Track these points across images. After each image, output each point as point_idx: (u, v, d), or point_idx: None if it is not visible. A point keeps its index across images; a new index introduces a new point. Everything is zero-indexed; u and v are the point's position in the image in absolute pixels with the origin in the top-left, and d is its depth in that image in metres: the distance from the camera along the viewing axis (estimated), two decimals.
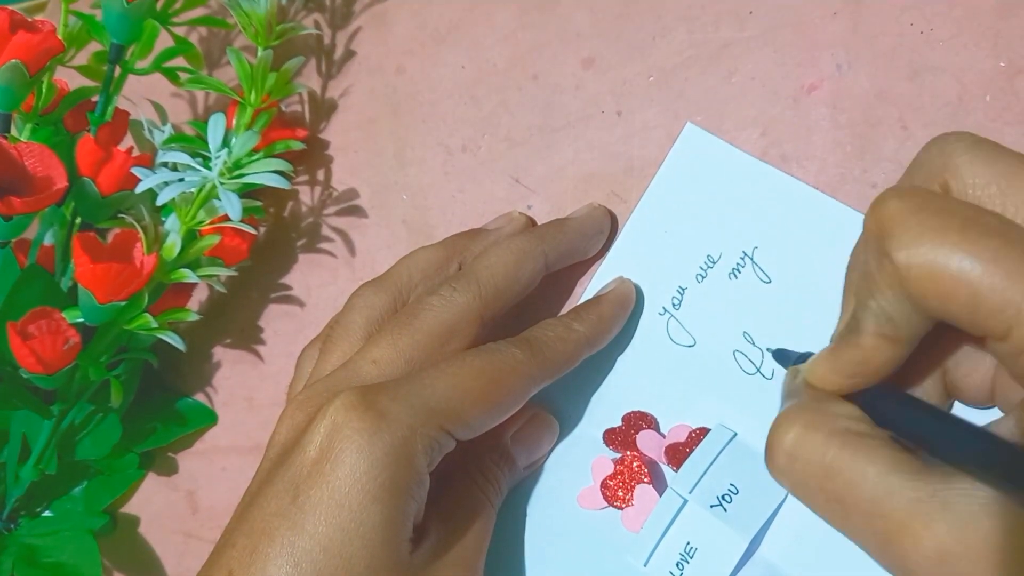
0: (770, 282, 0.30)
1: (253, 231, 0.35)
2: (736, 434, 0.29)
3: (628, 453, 0.30)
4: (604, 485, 0.30)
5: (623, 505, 0.30)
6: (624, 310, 0.31)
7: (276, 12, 0.35)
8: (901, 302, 0.21)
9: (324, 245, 0.38)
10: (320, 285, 0.38)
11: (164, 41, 0.36)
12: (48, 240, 0.36)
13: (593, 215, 0.33)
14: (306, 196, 0.39)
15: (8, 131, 0.34)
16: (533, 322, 0.30)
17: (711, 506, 0.28)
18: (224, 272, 0.35)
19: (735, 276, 0.31)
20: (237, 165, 0.33)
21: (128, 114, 0.36)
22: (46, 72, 0.34)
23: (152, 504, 0.40)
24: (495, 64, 0.36)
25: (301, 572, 0.24)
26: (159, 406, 0.39)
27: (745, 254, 0.31)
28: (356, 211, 0.38)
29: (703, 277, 0.31)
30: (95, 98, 0.36)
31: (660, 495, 0.29)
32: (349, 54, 0.39)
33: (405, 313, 0.29)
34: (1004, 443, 0.19)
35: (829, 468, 0.21)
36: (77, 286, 0.32)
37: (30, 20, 0.32)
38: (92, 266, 0.31)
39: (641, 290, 0.32)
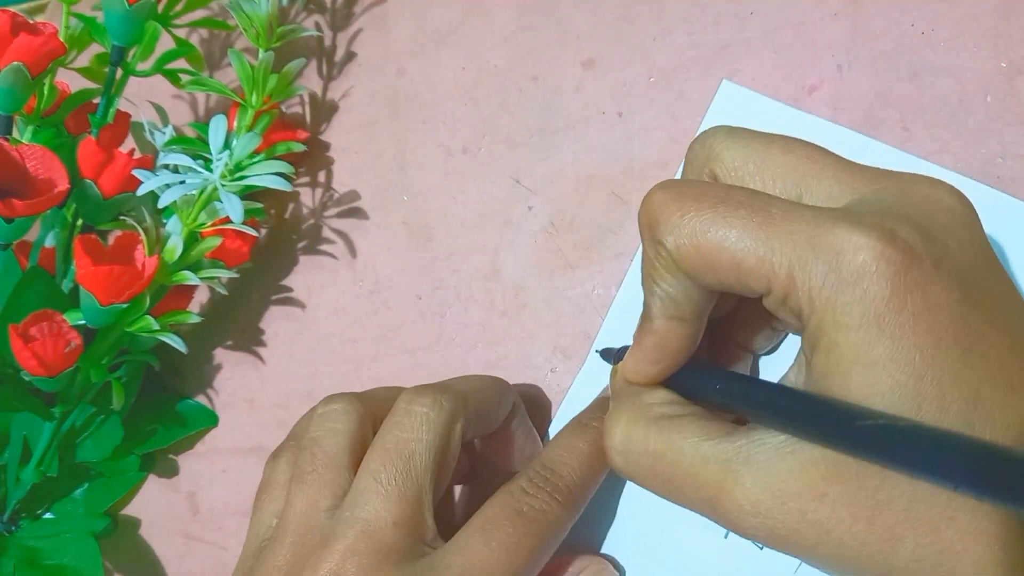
0: None
1: (254, 233, 0.35)
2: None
3: None
4: None
5: None
6: None
7: (277, 14, 0.35)
8: (680, 282, 0.23)
9: (325, 247, 0.38)
10: (321, 287, 0.38)
11: (165, 43, 0.36)
12: (49, 242, 0.36)
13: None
14: (307, 198, 0.39)
15: (10, 133, 0.34)
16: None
17: None
18: (225, 274, 0.35)
19: None
20: (238, 167, 0.33)
21: (129, 116, 0.36)
22: (48, 74, 0.34)
23: (153, 506, 0.40)
24: (495, 65, 0.36)
25: None
26: (160, 408, 0.39)
27: None
28: (357, 213, 0.38)
29: None
30: (96, 100, 0.36)
31: None
32: (350, 56, 0.39)
33: (396, 453, 0.26)
34: (787, 391, 0.22)
35: (654, 454, 0.23)
36: (78, 288, 0.32)
37: (31, 22, 0.32)
38: (93, 268, 0.31)
39: None
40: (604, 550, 0.31)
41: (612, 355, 0.29)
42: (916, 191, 0.22)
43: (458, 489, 0.33)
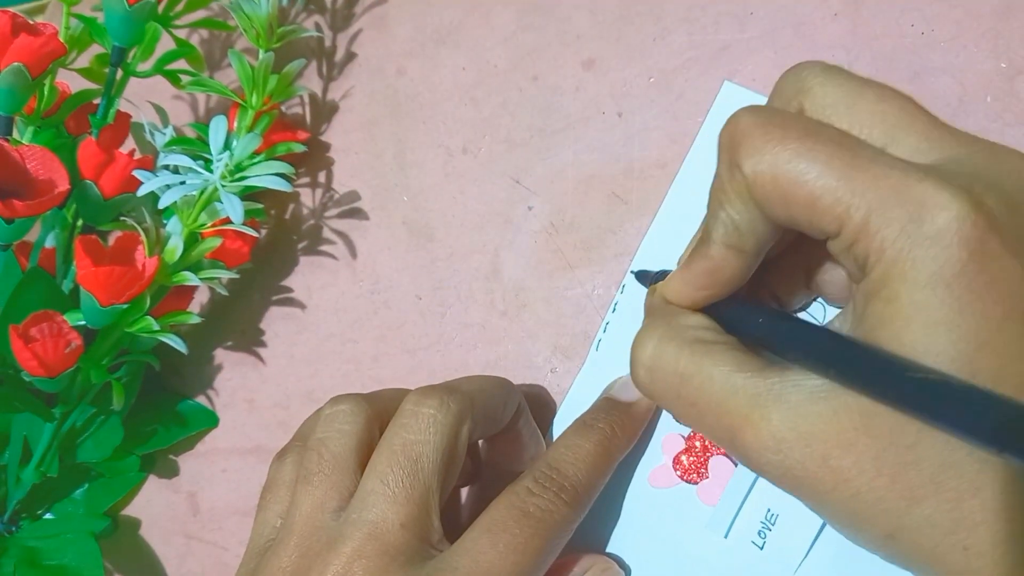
0: None
1: (254, 233, 0.35)
2: None
3: None
4: (677, 461, 0.30)
5: (698, 479, 0.30)
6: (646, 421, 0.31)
7: (277, 15, 0.35)
8: (749, 210, 0.22)
9: (325, 247, 0.38)
10: (321, 287, 0.38)
11: (165, 44, 0.37)
12: (50, 243, 0.36)
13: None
14: (307, 198, 0.39)
15: (10, 134, 0.34)
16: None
17: None
18: (225, 274, 0.35)
19: None
20: (239, 168, 0.33)
21: (130, 116, 0.36)
22: (48, 75, 0.34)
23: (153, 506, 0.40)
24: (495, 66, 0.36)
25: None
26: (160, 408, 0.39)
27: None
28: (357, 213, 0.38)
29: None
30: (97, 101, 0.36)
31: (735, 464, 0.29)
32: (350, 56, 0.39)
33: (403, 455, 0.26)
34: (835, 336, 0.21)
35: (682, 375, 0.23)
36: (79, 289, 0.32)
37: (32, 23, 0.32)
38: (94, 269, 0.31)
39: None
40: (607, 550, 0.31)
41: (649, 278, 0.28)
42: (1007, 162, 0.21)
43: (464, 491, 0.33)
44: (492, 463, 0.31)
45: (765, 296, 0.28)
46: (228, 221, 0.33)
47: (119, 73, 0.35)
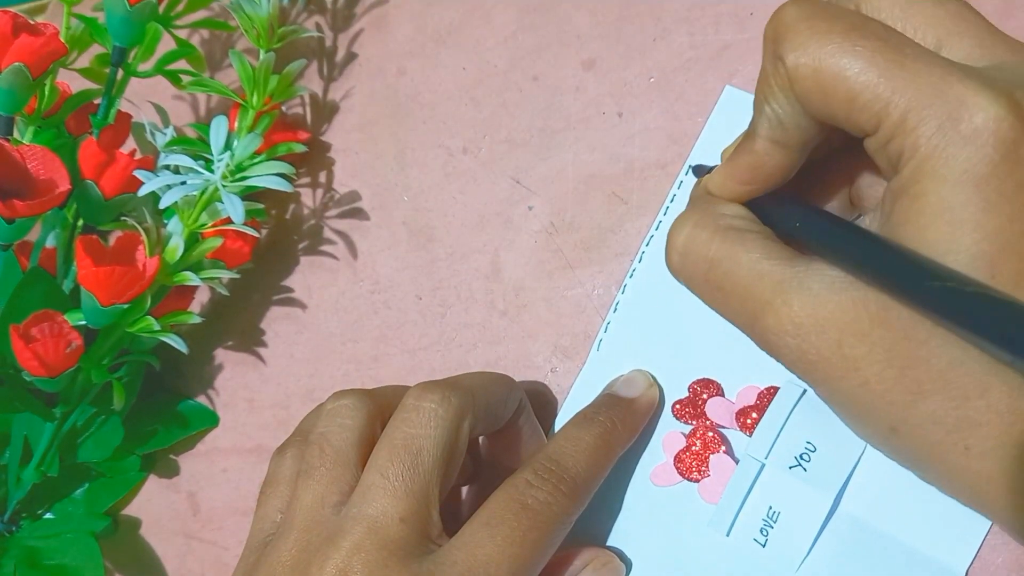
0: None
1: (255, 233, 0.35)
2: (805, 390, 0.29)
3: (699, 423, 0.30)
4: (678, 459, 0.30)
5: (699, 477, 0.30)
6: (648, 416, 0.31)
7: (278, 15, 0.35)
8: (792, 104, 0.22)
9: (325, 247, 0.38)
10: (321, 287, 0.38)
11: (166, 44, 0.37)
12: (50, 243, 0.36)
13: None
14: (307, 198, 0.39)
15: (11, 134, 0.34)
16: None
17: (790, 467, 0.28)
18: (226, 274, 0.35)
19: None
20: (239, 168, 0.33)
21: (130, 117, 0.36)
22: (49, 75, 0.34)
23: (153, 506, 0.40)
24: (495, 66, 0.36)
25: None
26: (161, 408, 0.39)
27: None
28: (357, 213, 0.38)
29: None
30: (97, 101, 0.36)
31: (736, 462, 0.29)
32: (350, 56, 0.39)
33: (404, 448, 0.26)
34: (861, 232, 0.22)
35: (712, 260, 0.23)
36: (79, 289, 0.32)
37: (32, 23, 0.32)
38: (94, 269, 0.31)
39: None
40: (609, 547, 0.31)
41: (704, 171, 0.29)
42: None
43: (464, 488, 0.33)
44: (493, 460, 0.32)
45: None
46: (229, 221, 0.33)
47: (120, 73, 0.35)
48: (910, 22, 0.22)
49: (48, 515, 0.39)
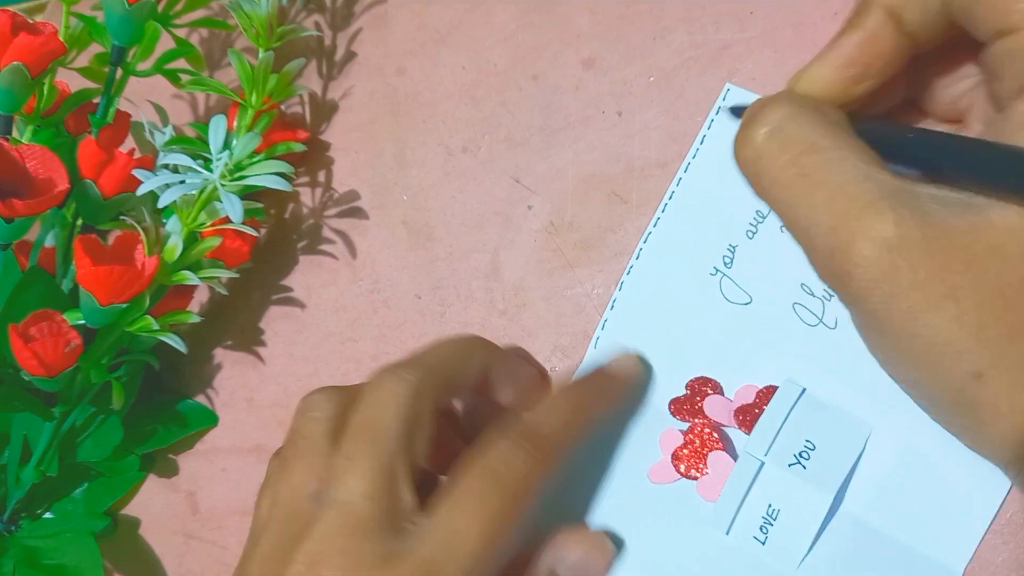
0: None
1: (254, 233, 0.35)
2: (805, 389, 0.29)
3: (697, 421, 0.30)
4: (675, 456, 0.30)
5: (698, 475, 0.29)
6: (630, 389, 0.31)
7: (277, 14, 0.35)
8: None
9: (325, 246, 0.38)
10: (321, 286, 0.38)
11: (165, 43, 0.36)
12: (49, 242, 0.36)
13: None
14: (307, 197, 0.39)
15: (10, 133, 0.34)
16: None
17: (789, 465, 0.28)
18: (225, 274, 0.35)
19: (786, 229, 0.29)
20: (238, 167, 0.33)
21: (129, 116, 0.36)
22: (47, 74, 0.34)
23: (153, 505, 0.40)
24: (495, 65, 0.36)
25: None
26: (160, 408, 0.39)
27: None
28: (357, 212, 0.38)
29: (753, 233, 0.30)
30: (96, 100, 0.36)
31: (735, 460, 0.29)
32: (349, 55, 0.39)
33: (364, 428, 0.26)
34: (991, 144, 0.20)
35: (813, 145, 0.21)
36: (78, 288, 0.32)
37: (31, 22, 0.32)
38: (93, 268, 0.31)
39: (692, 251, 0.31)
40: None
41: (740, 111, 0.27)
42: None
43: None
44: (486, 416, 0.31)
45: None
46: (228, 220, 0.33)
47: (119, 72, 0.35)
48: None
49: (47, 515, 0.39)
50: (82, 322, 0.32)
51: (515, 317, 0.34)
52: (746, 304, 0.30)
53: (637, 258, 0.32)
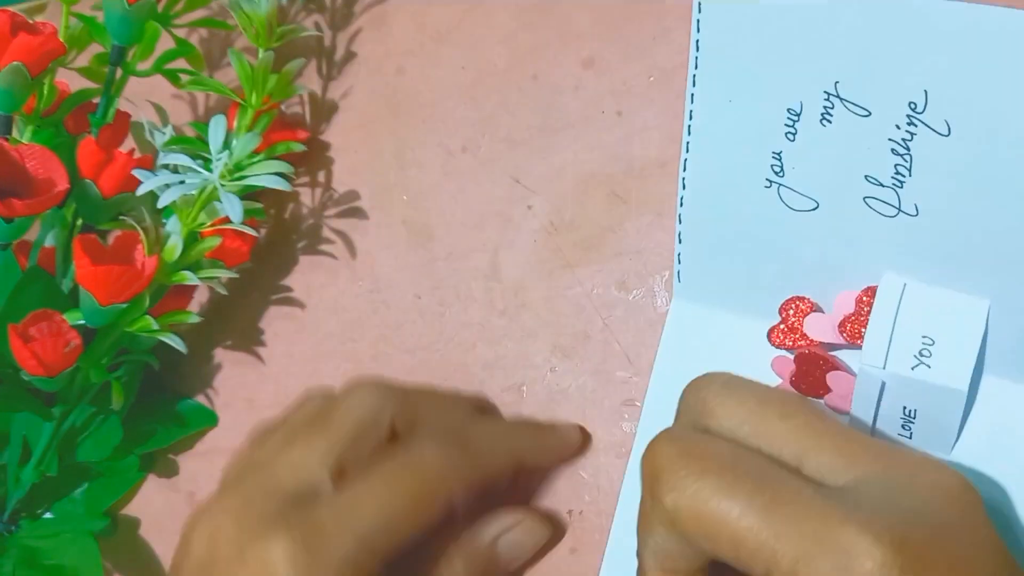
0: (869, 115, 0.26)
1: (254, 233, 0.35)
2: (906, 284, 0.27)
3: (803, 344, 0.28)
4: (793, 384, 0.28)
5: (822, 394, 0.28)
6: (570, 454, 0.32)
7: (276, 14, 0.35)
8: (677, 539, 0.22)
9: (324, 247, 0.38)
10: (321, 286, 0.38)
11: (165, 43, 0.36)
12: (49, 242, 0.36)
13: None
14: (306, 198, 0.39)
15: (9, 133, 0.34)
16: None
17: (913, 367, 0.26)
18: (225, 274, 0.35)
19: (827, 121, 0.26)
20: (238, 167, 0.33)
21: (129, 116, 0.36)
22: (47, 74, 0.34)
23: (153, 506, 0.40)
24: (495, 64, 0.36)
25: None
26: (160, 408, 0.39)
27: (827, 94, 0.26)
28: (356, 212, 0.38)
29: (793, 134, 0.27)
30: (96, 100, 0.36)
31: (854, 376, 0.27)
32: (349, 55, 0.39)
33: (320, 415, 0.29)
34: None
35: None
36: (78, 288, 0.32)
37: (31, 22, 0.32)
38: (93, 268, 0.31)
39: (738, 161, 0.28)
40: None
41: None
42: (924, 478, 0.21)
43: None
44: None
45: None
46: (227, 220, 0.33)
47: (118, 72, 0.35)
48: (764, 441, 0.22)
49: (47, 515, 0.39)
50: (82, 322, 0.32)
51: (515, 317, 0.34)
52: (813, 210, 0.28)
53: (684, 187, 0.30)
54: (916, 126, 0.25)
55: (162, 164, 0.35)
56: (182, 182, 0.32)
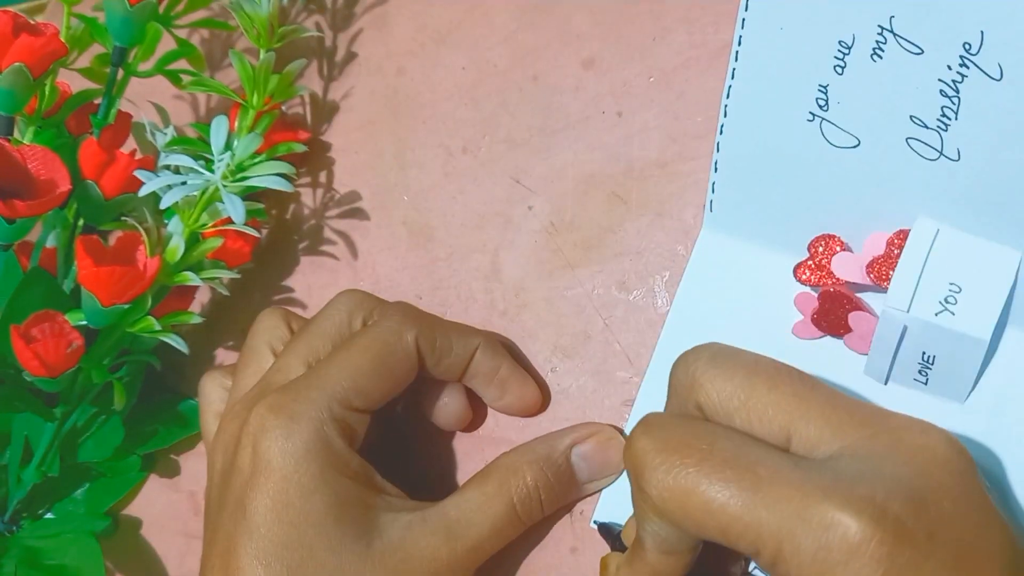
0: (921, 53, 0.25)
1: (256, 233, 0.35)
2: (939, 229, 0.26)
3: (828, 282, 0.28)
4: (815, 321, 0.28)
5: (842, 332, 0.28)
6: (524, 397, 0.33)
7: (278, 14, 0.35)
8: (670, 526, 0.23)
9: (326, 247, 0.38)
10: (322, 287, 0.38)
11: (166, 43, 0.37)
12: (51, 243, 0.36)
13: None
14: (308, 198, 0.39)
15: (11, 134, 0.34)
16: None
17: (936, 313, 0.26)
18: (227, 274, 0.35)
19: (878, 57, 0.26)
20: (240, 168, 0.33)
21: (131, 116, 0.37)
22: (49, 75, 0.34)
23: (154, 506, 0.40)
24: (495, 65, 0.36)
25: (272, 571, 0.26)
26: (161, 408, 0.39)
27: (881, 28, 0.25)
28: (357, 213, 0.38)
29: (842, 68, 0.26)
30: (98, 101, 0.36)
31: (876, 317, 0.27)
32: (350, 56, 0.39)
33: (302, 327, 0.32)
34: None
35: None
36: (80, 289, 0.32)
37: (33, 23, 0.32)
38: (95, 269, 0.31)
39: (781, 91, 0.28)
40: None
41: (612, 537, 0.29)
42: (909, 442, 0.22)
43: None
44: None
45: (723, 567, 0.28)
46: (229, 221, 0.33)
47: (120, 73, 0.35)
48: (752, 415, 0.23)
49: (49, 515, 0.39)
50: (84, 323, 0.32)
51: (515, 318, 0.34)
52: (854, 147, 0.27)
53: (725, 115, 0.29)
54: (968, 68, 0.25)
55: (164, 165, 0.35)
56: (184, 183, 0.32)
